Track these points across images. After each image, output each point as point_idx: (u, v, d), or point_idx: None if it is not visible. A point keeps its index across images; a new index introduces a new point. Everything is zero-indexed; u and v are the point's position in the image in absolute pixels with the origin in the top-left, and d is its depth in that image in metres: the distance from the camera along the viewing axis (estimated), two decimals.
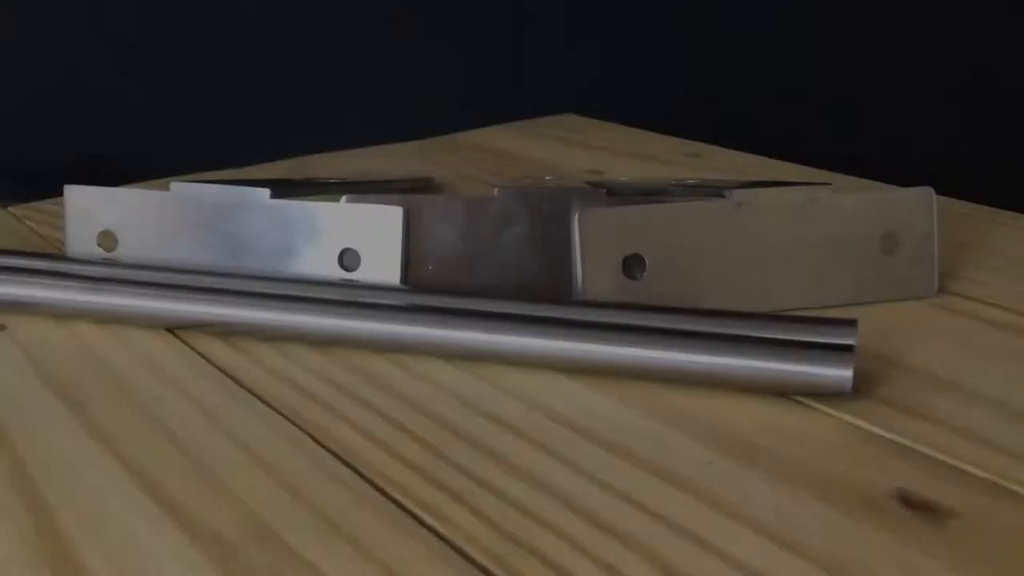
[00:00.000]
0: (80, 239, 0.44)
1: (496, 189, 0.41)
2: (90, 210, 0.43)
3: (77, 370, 0.36)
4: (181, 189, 0.42)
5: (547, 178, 0.59)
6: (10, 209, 0.56)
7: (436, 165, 0.64)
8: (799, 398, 0.33)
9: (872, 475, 0.29)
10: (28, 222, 0.54)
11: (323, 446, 0.31)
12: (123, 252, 0.43)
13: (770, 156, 0.64)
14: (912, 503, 0.28)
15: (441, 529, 0.27)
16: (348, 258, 0.40)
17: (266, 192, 0.41)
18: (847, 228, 0.41)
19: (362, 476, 0.29)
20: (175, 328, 0.39)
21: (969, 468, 0.29)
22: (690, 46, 0.95)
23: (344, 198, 0.41)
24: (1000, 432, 0.31)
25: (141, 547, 0.26)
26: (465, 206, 0.41)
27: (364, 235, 0.40)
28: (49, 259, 0.42)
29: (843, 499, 0.28)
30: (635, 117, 0.74)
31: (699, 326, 0.35)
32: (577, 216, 0.39)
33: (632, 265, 0.39)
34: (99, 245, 0.43)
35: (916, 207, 0.42)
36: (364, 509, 0.28)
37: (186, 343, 0.38)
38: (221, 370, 0.36)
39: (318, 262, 0.40)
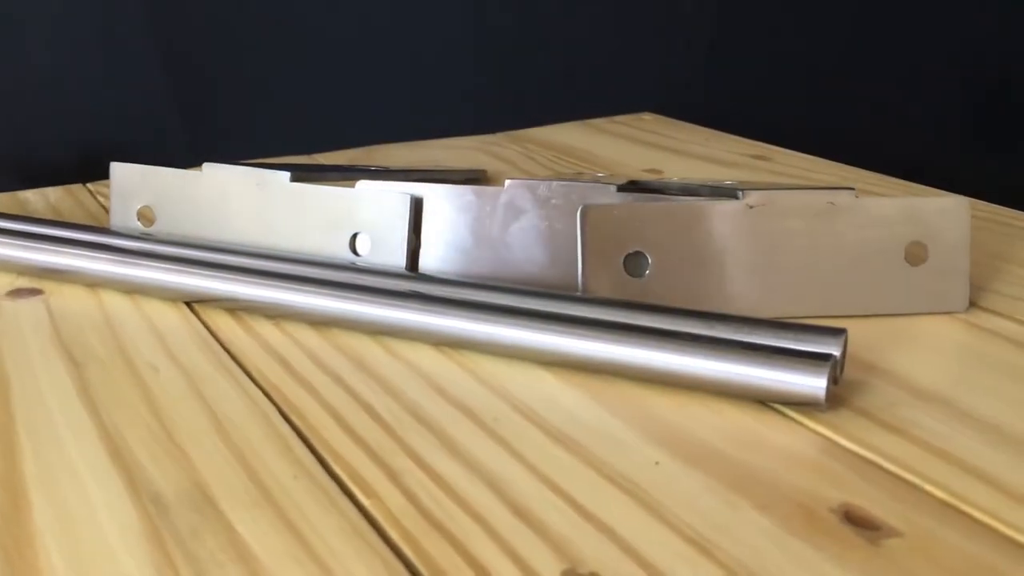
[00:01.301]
0: (122, 214, 0.46)
1: (506, 181, 0.41)
2: (131, 187, 0.46)
3: (89, 335, 0.38)
4: (212, 170, 0.44)
5: (599, 174, 0.58)
6: (87, 185, 0.59)
7: (497, 159, 0.65)
8: (777, 406, 0.32)
9: (821, 488, 0.28)
10: (99, 197, 0.57)
11: (286, 418, 0.32)
12: (159, 227, 0.45)
13: (859, 163, 0.61)
14: (853, 519, 0.27)
15: (367, 506, 0.27)
16: (358, 242, 0.41)
17: (286, 175, 0.42)
18: (869, 236, 0.39)
19: (311, 449, 0.30)
20: (191, 301, 0.41)
21: (929, 488, 0.28)
22: (775, 48, 0.92)
23: (358, 184, 0.42)
24: (978, 454, 0.30)
25: (86, 498, 0.28)
26: (475, 196, 0.41)
27: (373, 220, 0.41)
28: (89, 231, 0.45)
29: (782, 509, 0.27)
30: (730, 118, 0.72)
31: (681, 326, 0.34)
32: (579, 211, 0.39)
33: (634, 263, 0.39)
34: (138, 220, 0.46)
35: (947, 217, 0.40)
36: (301, 480, 0.28)
37: (198, 316, 0.40)
38: (220, 343, 0.38)
39: (331, 245, 0.42)
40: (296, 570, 0.25)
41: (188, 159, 0.49)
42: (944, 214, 0.40)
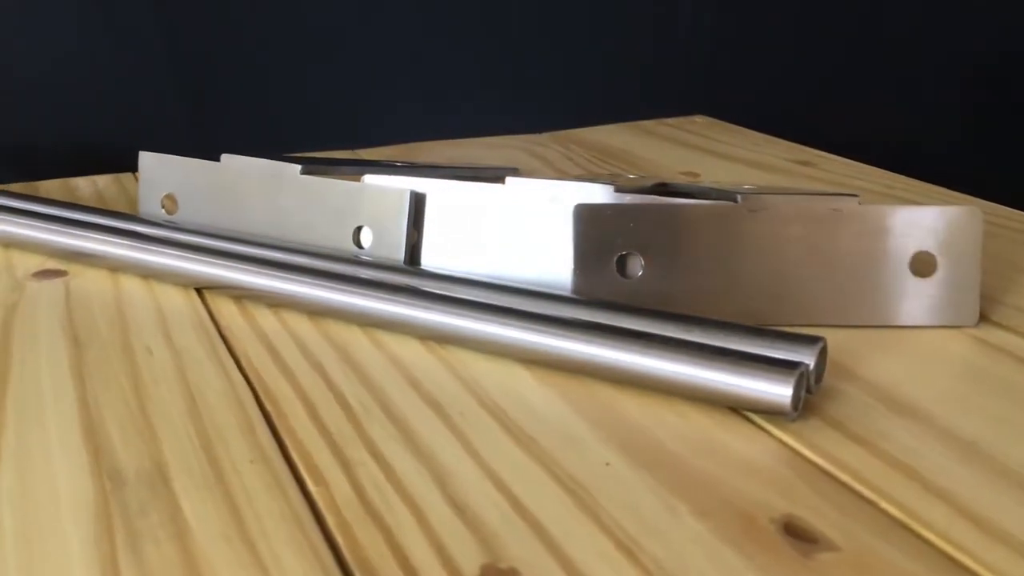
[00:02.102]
0: (149, 201, 0.48)
1: (506, 179, 0.41)
2: (156, 175, 0.47)
3: (98, 316, 0.40)
4: (229, 161, 0.45)
5: (630, 176, 0.58)
6: (136, 173, 0.61)
7: (536, 158, 0.65)
8: (748, 413, 0.32)
9: (768, 497, 0.27)
10: None
11: (259, 404, 0.33)
12: (181, 214, 0.47)
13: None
14: (792, 531, 0.26)
15: (314, 493, 0.28)
16: (361, 235, 0.42)
17: (297, 168, 0.43)
18: (871, 244, 0.38)
19: (275, 435, 0.31)
20: (201, 287, 0.42)
21: (884, 504, 0.27)
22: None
23: (363, 178, 0.43)
24: (946, 472, 0.29)
25: (50, 470, 0.29)
26: (476, 193, 0.41)
27: (375, 214, 0.42)
28: (116, 218, 0.47)
29: (721, 517, 0.27)
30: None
31: (657, 329, 0.34)
32: (573, 210, 0.39)
33: (627, 264, 0.39)
34: (162, 207, 0.47)
35: (957, 226, 0.38)
36: (257, 464, 0.29)
37: (204, 302, 0.41)
38: (218, 328, 0.39)
39: (336, 237, 0.42)
40: (225, 549, 0.25)
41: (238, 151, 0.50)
42: (954, 223, 0.38)
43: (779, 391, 0.30)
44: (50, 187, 0.58)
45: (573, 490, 0.28)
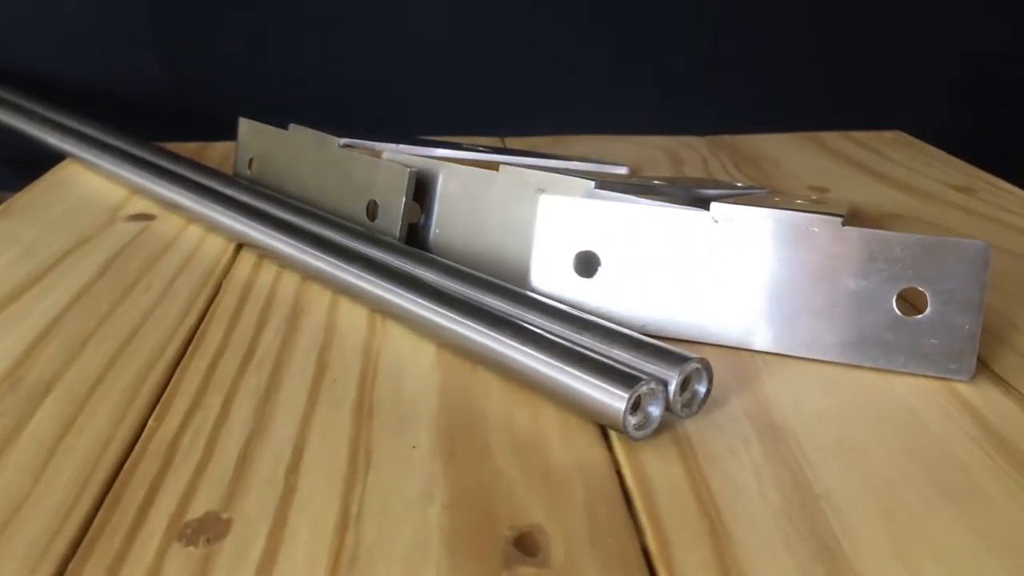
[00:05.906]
0: (241, 163, 0.53)
1: (500, 167, 0.41)
2: (247, 139, 0.52)
3: (140, 256, 0.45)
4: (294, 130, 0.49)
5: (738, 185, 0.55)
6: None
7: (670, 159, 0.63)
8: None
9: (533, 508, 0.26)
10: None
11: (186, 345, 0.36)
12: (260, 176, 0.51)
13: None
14: (521, 542, 0.25)
15: (148, 427, 0.30)
16: (373, 209, 0.44)
17: (336, 141, 0.46)
18: (850, 272, 0.34)
19: (170, 372, 0.33)
20: (239, 243, 0.46)
21: (647, 536, 0.25)
22: None
23: (383, 154, 0.44)
24: (748, 521, 0.26)
25: None
26: (474, 178, 0.41)
27: (384, 190, 0.43)
28: (206, 175, 0.52)
29: (467, 517, 0.26)
30: None
31: (555, 325, 0.33)
32: (540, 202, 0.38)
33: (585, 262, 0.37)
34: (248, 168, 0.52)
35: (957, 264, 0.33)
36: (127, 392, 0.32)
37: (235, 256, 0.45)
38: (224, 279, 0.42)
39: (354, 208, 0.44)
40: (27, 453, 0.28)
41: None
42: (953, 258, 0.33)
43: (613, 404, 0.29)
44: (217, 147, 0.65)
45: (355, 464, 0.28)
